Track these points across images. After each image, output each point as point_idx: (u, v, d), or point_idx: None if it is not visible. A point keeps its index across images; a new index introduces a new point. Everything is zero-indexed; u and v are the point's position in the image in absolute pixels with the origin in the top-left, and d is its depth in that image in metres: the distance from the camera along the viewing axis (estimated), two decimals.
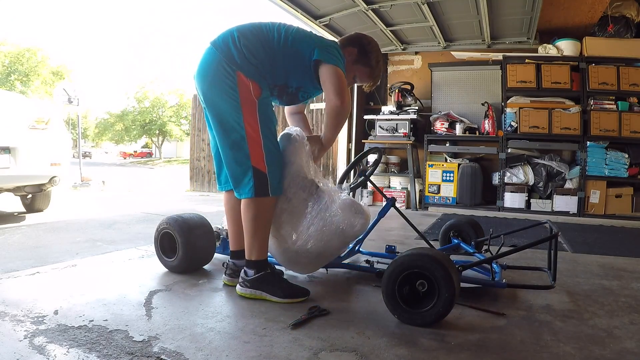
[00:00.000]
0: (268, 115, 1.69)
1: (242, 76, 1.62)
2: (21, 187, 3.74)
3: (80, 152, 10.23)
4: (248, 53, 1.64)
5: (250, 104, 1.64)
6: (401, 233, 3.37)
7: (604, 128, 4.40)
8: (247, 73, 1.63)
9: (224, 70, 1.63)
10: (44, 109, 3.78)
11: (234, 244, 1.93)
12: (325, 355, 1.25)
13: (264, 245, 1.72)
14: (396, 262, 1.50)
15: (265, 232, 1.72)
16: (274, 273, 1.73)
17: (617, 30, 4.48)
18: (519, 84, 4.68)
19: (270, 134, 1.70)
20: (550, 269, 1.85)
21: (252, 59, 1.65)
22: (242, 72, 1.62)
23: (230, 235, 1.96)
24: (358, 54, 1.87)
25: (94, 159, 37.93)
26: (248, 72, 1.63)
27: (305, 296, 1.69)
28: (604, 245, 3.13)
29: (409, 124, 5.14)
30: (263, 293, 1.68)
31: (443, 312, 1.42)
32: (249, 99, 1.63)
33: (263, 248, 1.72)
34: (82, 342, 1.29)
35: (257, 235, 1.69)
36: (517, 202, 4.73)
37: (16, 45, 24.51)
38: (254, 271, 1.70)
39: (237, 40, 1.65)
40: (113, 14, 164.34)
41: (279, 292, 1.66)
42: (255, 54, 1.65)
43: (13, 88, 22.34)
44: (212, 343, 1.31)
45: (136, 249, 2.60)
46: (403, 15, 4.47)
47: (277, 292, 1.66)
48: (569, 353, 1.30)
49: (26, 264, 2.21)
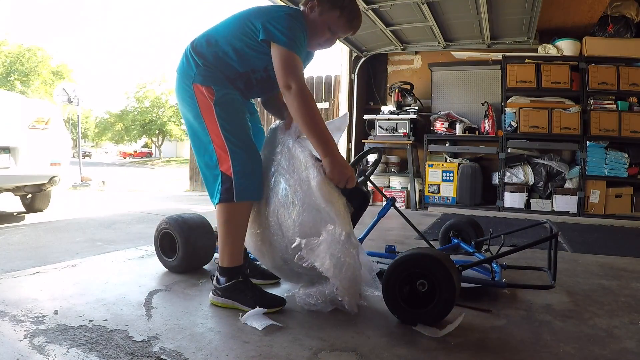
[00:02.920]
0: (231, 115, 1.61)
1: (197, 85, 1.61)
2: (21, 187, 3.74)
3: (80, 152, 10.23)
4: (200, 59, 1.62)
5: (207, 109, 1.60)
6: (401, 233, 3.37)
7: (603, 128, 4.40)
8: (201, 81, 1.61)
9: (185, 86, 1.64)
10: (44, 109, 3.78)
11: None
12: (325, 355, 1.25)
13: (236, 252, 1.64)
14: (396, 262, 1.50)
15: (236, 238, 1.63)
16: (246, 281, 1.64)
17: (617, 30, 4.48)
18: (519, 84, 4.68)
19: (235, 136, 1.60)
20: (550, 269, 1.85)
21: (206, 63, 1.62)
22: (197, 82, 1.61)
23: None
24: (319, 3, 1.67)
25: (93, 158, 37.92)
26: (203, 80, 1.61)
27: (279, 306, 1.59)
28: (604, 245, 3.13)
29: (409, 123, 5.14)
30: (235, 302, 1.60)
31: (443, 312, 1.42)
32: (205, 104, 1.60)
33: (235, 255, 1.63)
34: (82, 342, 1.29)
35: (227, 241, 1.62)
36: (517, 202, 4.73)
37: (18, 45, 24.51)
38: (226, 279, 1.62)
39: (190, 54, 1.65)
40: (113, 14, 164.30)
41: (251, 302, 1.56)
42: (206, 57, 1.62)
43: (13, 88, 22.33)
44: (212, 343, 1.31)
45: (136, 249, 2.60)
46: (403, 15, 4.46)
47: (249, 302, 1.57)
48: (568, 353, 1.30)
49: (26, 264, 2.21)
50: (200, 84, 1.60)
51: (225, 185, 1.60)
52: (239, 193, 1.59)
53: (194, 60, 1.63)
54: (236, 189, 1.59)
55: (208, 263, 2.17)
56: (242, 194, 1.60)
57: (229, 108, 1.62)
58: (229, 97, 1.63)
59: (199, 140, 1.66)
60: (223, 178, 1.61)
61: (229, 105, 1.62)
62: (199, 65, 1.62)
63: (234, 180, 1.59)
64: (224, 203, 1.61)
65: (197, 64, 1.62)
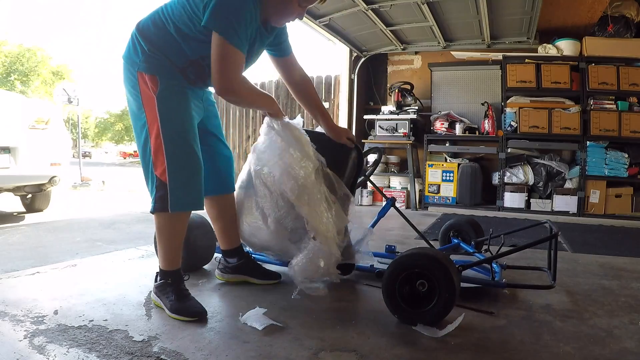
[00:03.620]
0: (172, 111, 1.44)
1: (141, 74, 1.44)
2: (21, 187, 3.74)
3: (80, 152, 10.23)
4: (146, 44, 1.45)
5: (149, 102, 1.43)
6: (401, 233, 3.37)
7: (603, 128, 4.40)
8: (145, 69, 1.44)
9: (129, 74, 1.48)
10: (44, 109, 3.78)
11: (221, 243, 1.92)
12: (325, 355, 1.25)
13: (170, 257, 1.56)
14: (396, 262, 1.50)
15: (170, 246, 1.54)
16: (172, 284, 1.55)
17: (617, 30, 4.48)
18: (519, 84, 4.67)
19: (176, 134, 1.44)
20: (550, 269, 1.85)
21: (152, 49, 1.44)
22: (141, 69, 1.45)
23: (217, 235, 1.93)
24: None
25: (93, 158, 37.90)
26: (147, 68, 1.44)
27: (194, 317, 1.46)
28: (604, 245, 3.13)
29: (409, 123, 5.14)
30: (161, 302, 1.55)
31: (443, 312, 1.42)
32: (148, 96, 1.43)
33: (168, 260, 1.56)
34: (82, 342, 1.29)
35: (162, 246, 1.55)
36: (517, 202, 4.73)
37: (18, 45, 24.49)
38: (159, 278, 1.60)
39: (136, 38, 1.48)
40: (113, 14, 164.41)
41: (168, 304, 1.51)
42: (152, 41, 1.45)
43: (13, 88, 22.31)
44: (211, 343, 1.30)
45: (136, 249, 2.60)
46: (403, 15, 4.46)
47: (167, 304, 1.51)
48: (568, 353, 1.30)
49: (26, 264, 2.21)
50: (145, 71, 1.44)
51: (159, 192, 1.46)
52: (174, 204, 1.46)
53: (140, 45, 1.46)
54: (171, 199, 1.45)
55: (208, 263, 2.17)
56: (177, 204, 1.47)
57: (172, 103, 1.45)
58: (174, 90, 1.46)
59: (138, 136, 1.51)
60: (157, 184, 1.47)
61: (172, 99, 1.45)
62: (145, 51, 1.44)
63: (169, 188, 1.45)
64: (158, 212, 1.49)
65: (142, 49, 1.45)
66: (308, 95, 1.82)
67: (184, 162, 1.47)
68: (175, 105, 1.46)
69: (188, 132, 1.48)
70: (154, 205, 1.50)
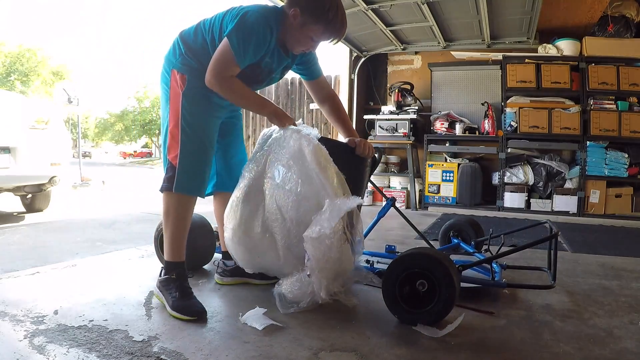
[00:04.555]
0: (195, 110, 1.61)
1: (174, 72, 1.63)
2: (21, 187, 3.74)
3: (80, 152, 10.22)
4: (184, 47, 1.64)
5: (175, 97, 1.62)
6: (401, 233, 3.37)
7: (603, 128, 4.40)
8: (179, 68, 1.63)
9: (165, 72, 1.68)
10: (44, 109, 3.79)
11: (222, 244, 1.93)
12: (325, 355, 1.25)
13: (176, 246, 1.62)
14: (396, 262, 1.50)
15: (175, 231, 1.61)
16: (176, 280, 1.59)
17: (617, 30, 4.48)
18: (519, 84, 4.67)
19: (192, 130, 1.61)
20: (550, 269, 1.85)
21: (188, 52, 1.63)
22: (175, 68, 1.63)
23: (220, 236, 1.94)
24: (301, 14, 1.57)
25: (93, 158, 37.91)
26: (180, 67, 1.63)
27: (194, 316, 1.48)
28: (604, 245, 3.13)
29: (409, 123, 5.14)
30: (163, 297, 1.59)
31: (443, 312, 1.42)
32: (175, 91, 1.62)
33: (174, 249, 1.61)
34: (82, 342, 1.29)
35: (168, 233, 1.62)
36: (517, 202, 4.72)
37: (18, 45, 24.49)
38: (163, 272, 1.63)
39: (177, 42, 1.67)
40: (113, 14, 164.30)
41: (170, 301, 1.54)
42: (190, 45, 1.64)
43: (13, 88, 22.31)
44: (212, 343, 1.31)
45: (136, 249, 2.60)
46: (403, 15, 4.46)
47: (169, 301, 1.55)
48: (568, 353, 1.30)
49: (26, 264, 2.21)
50: (178, 70, 1.63)
51: (168, 173, 1.62)
52: (178, 186, 1.60)
53: (179, 48, 1.65)
54: (177, 180, 1.60)
55: (208, 263, 2.17)
56: (180, 187, 1.60)
57: (196, 103, 1.62)
58: (200, 92, 1.61)
59: (163, 124, 1.69)
60: (169, 166, 1.63)
61: (196, 100, 1.62)
62: (182, 53, 1.63)
63: (177, 172, 1.60)
64: (165, 192, 1.63)
65: (180, 51, 1.64)
66: (337, 115, 1.94)
67: (193, 152, 1.62)
68: (199, 105, 1.63)
69: (203, 129, 1.64)
70: (162, 185, 1.64)
